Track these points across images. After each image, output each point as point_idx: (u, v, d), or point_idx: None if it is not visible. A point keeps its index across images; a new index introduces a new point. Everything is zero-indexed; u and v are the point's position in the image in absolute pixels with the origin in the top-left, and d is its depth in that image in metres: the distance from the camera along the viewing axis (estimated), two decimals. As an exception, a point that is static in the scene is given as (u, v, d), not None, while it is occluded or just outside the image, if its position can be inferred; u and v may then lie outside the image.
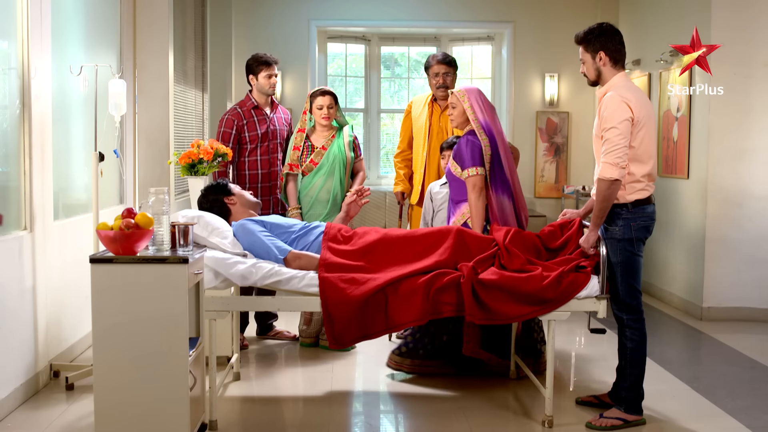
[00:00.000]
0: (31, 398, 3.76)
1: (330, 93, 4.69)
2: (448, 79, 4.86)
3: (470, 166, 3.97)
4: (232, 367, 4.09)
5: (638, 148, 3.41)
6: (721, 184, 5.70)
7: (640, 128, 3.40)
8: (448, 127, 4.82)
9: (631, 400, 3.54)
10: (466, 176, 3.98)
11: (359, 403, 3.87)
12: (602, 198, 3.40)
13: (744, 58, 5.61)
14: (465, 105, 4.04)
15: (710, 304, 5.73)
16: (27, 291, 3.77)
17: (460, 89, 4.10)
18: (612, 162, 3.33)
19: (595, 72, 3.51)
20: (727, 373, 4.46)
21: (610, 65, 3.48)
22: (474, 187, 3.95)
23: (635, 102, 3.38)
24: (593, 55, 3.48)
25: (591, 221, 3.51)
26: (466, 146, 4.00)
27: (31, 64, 3.80)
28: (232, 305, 3.50)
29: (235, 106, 4.84)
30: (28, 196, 3.80)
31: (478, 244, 3.66)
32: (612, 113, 3.36)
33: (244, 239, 3.64)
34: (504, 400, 3.93)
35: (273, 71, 4.81)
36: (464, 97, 4.06)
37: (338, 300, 3.37)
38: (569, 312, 3.45)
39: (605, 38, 3.48)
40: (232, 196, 3.98)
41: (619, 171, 3.33)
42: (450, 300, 3.43)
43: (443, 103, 4.85)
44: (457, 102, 4.08)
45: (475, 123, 4.02)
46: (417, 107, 5.01)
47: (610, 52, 3.47)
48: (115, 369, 2.91)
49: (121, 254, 2.91)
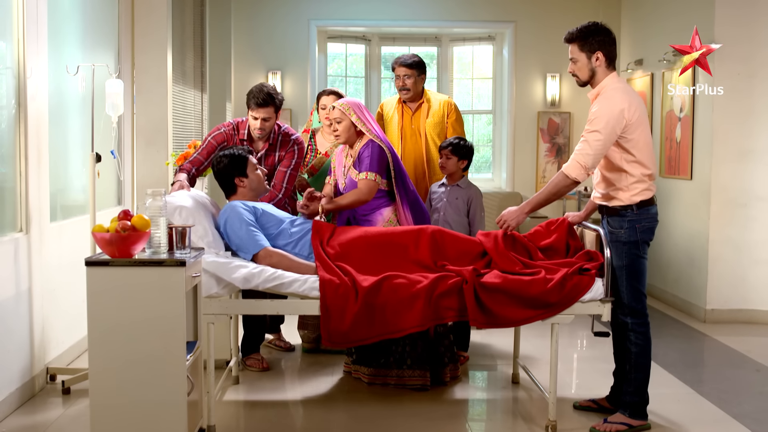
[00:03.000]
0: (27, 402, 3.71)
1: (336, 93, 4.63)
2: (408, 82, 4.71)
3: (368, 170, 3.84)
4: (231, 371, 4.04)
5: (637, 148, 3.35)
6: (724, 184, 5.65)
7: (635, 129, 3.33)
8: (421, 129, 4.74)
9: (635, 405, 3.49)
10: (362, 178, 3.85)
11: (360, 408, 3.81)
12: (555, 191, 3.39)
13: (748, 57, 5.56)
14: (352, 118, 3.89)
15: (714, 306, 5.68)
16: (23, 293, 3.72)
17: (342, 102, 3.92)
18: (583, 163, 3.29)
19: (589, 72, 3.42)
20: (732, 376, 4.41)
21: (605, 66, 3.40)
22: (368, 189, 3.83)
23: (629, 108, 3.31)
24: (589, 55, 3.39)
25: (529, 204, 3.46)
26: (370, 150, 3.86)
27: (27, 64, 3.75)
28: (230, 309, 3.45)
29: (231, 126, 4.18)
30: (24, 198, 3.75)
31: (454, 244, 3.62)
32: (601, 117, 3.30)
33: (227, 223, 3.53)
34: (506, 405, 3.88)
35: (260, 114, 4.00)
36: (349, 110, 3.89)
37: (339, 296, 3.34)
38: (573, 315, 3.40)
39: (603, 37, 3.39)
40: (245, 179, 3.74)
41: (585, 175, 3.32)
42: (452, 305, 3.37)
43: (412, 105, 4.79)
44: (342, 116, 3.90)
45: (371, 134, 3.89)
46: (388, 109, 4.91)
47: (607, 51, 3.39)
48: (111, 374, 2.85)
49: (117, 257, 2.86)
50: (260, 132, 4.06)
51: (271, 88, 4.06)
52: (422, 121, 4.76)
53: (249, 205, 3.64)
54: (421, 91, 4.79)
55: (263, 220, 3.64)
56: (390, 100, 4.97)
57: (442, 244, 3.61)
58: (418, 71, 4.74)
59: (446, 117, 4.78)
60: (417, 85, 4.75)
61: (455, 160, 4.37)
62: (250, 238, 3.50)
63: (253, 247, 3.50)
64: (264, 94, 3.98)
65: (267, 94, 3.99)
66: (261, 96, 3.98)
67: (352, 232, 3.69)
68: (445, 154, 4.39)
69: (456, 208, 4.36)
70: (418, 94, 4.78)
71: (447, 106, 4.79)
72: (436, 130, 4.76)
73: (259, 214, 3.65)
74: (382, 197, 3.97)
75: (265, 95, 3.98)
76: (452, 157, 4.36)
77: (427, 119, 4.77)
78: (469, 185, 4.42)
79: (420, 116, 4.77)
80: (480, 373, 4.40)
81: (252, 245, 3.50)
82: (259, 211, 3.66)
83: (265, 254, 3.49)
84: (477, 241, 3.69)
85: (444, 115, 4.77)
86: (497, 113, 8.01)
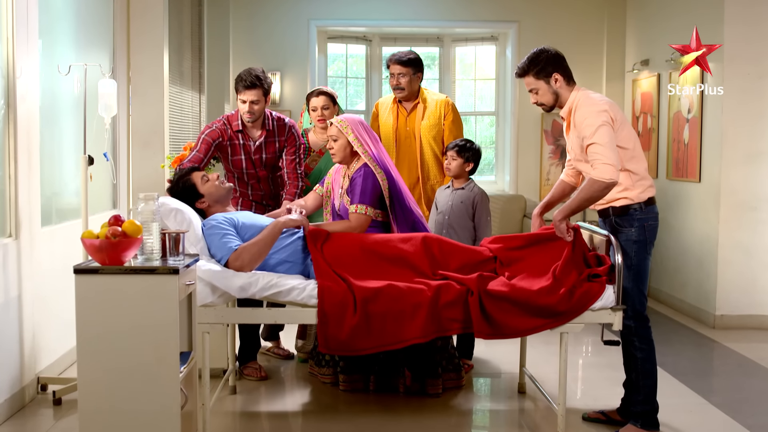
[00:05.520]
0: (17, 414, 3.59)
1: (325, 93, 4.46)
2: (403, 80, 4.54)
3: (359, 203, 3.63)
4: (227, 381, 3.91)
5: (630, 144, 3.32)
6: (734, 187, 5.52)
7: (621, 127, 3.30)
8: (416, 131, 4.59)
9: (646, 414, 3.38)
10: (353, 211, 3.65)
11: (360, 419, 3.68)
12: (588, 197, 3.27)
13: (759, 57, 5.43)
14: (349, 137, 3.69)
15: (723, 312, 5.55)
16: (12, 300, 3.59)
17: (341, 120, 3.73)
18: (609, 162, 3.19)
19: (552, 96, 3.39)
20: (745, 385, 4.28)
21: (565, 84, 3.38)
22: (358, 223, 3.62)
23: (610, 108, 3.28)
24: (547, 80, 3.37)
25: (560, 213, 3.36)
26: (362, 178, 3.64)
27: (17, 64, 3.63)
28: (226, 317, 3.32)
29: (223, 121, 4.13)
30: (14, 202, 3.63)
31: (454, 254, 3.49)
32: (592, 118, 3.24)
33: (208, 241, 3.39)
34: (512, 416, 3.76)
35: (249, 97, 3.98)
36: (347, 129, 3.70)
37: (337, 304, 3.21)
38: (583, 324, 3.28)
39: (554, 59, 3.38)
40: (202, 199, 3.60)
41: (616, 172, 3.20)
42: (456, 316, 3.24)
43: (408, 105, 4.64)
44: (338, 134, 3.72)
45: (367, 156, 3.69)
46: (384, 109, 4.74)
47: (563, 70, 3.38)
48: (101, 388, 2.73)
49: (107, 264, 2.74)
50: (250, 116, 4.03)
51: (260, 71, 4.04)
52: (417, 123, 4.60)
53: (228, 217, 3.49)
54: (417, 90, 4.62)
55: (242, 232, 3.46)
56: (385, 99, 4.81)
57: (440, 254, 3.47)
58: (413, 69, 4.56)
59: (443, 118, 4.60)
60: (412, 84, 4.58)
61: (460, 162, 4.24)
62: (221, 246, 3.33)
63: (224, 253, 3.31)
64: (252, 77, 3.97)
65: (255, 76, 3.99)
66: (249, 78, 3.97)
67: (347, 238, 3.55)
68: (450, 155, 4.26)
69: (461, 212, 4.22)
70: (413, 94, 4.62)
71: (444, 106, 4.60)
72: (432, 132, 4.59)
73: (239, 226, 3.47)
74: (376, 226, 3.75)
75: (253, 77, 3.98)
76: (457, 159, 4.23)
77: (422, 121, 4.60)
78: (475, 188, 4.29)
79: (415, 117, 4.61)
80: (485, 382, 4.28)
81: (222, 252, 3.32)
82: (239, 223, 3.48)
83: (234, 257, 3.30)
84: (479, 250, 3.57)
85: (440, 117, 4.59)
86: (500, 115, 7.89)
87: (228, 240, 3.34)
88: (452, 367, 4.00)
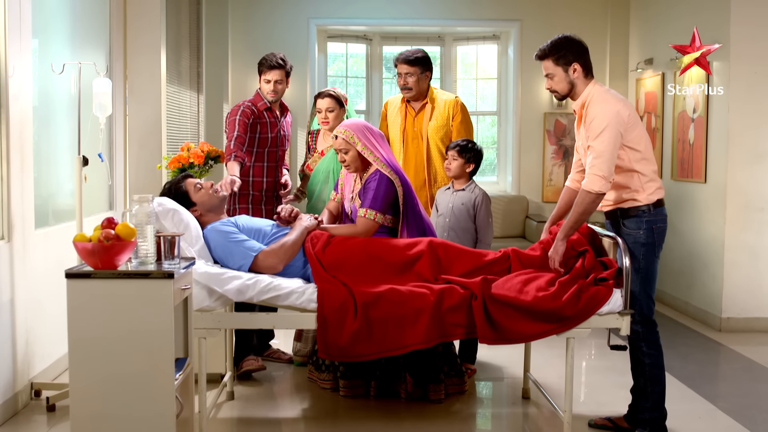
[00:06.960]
0: (10, 420, 3.51)
1: (330, 95, 4.36)
2: (410, 80, 4.43)
3: (369, 207, 3.56)
4: (225, 386, 3.83)
5: (641, 145, 3.25)
6: (740, 187, 5.43)
7: (633, 127, 3.23)
8: (423, 132, 4.49)
9: (655, 421, 3.31)
10: (361, 215, 3.57)
11: (360, 426, 3.60)
12: (582, 210, 3.22)
13: (765, 56, 5.35)
14: (358, 147, 3.59)
15: (730, 315, 5.46)
16: (4, 304, 3.51)
17: (345, 129, 3.62)
18: (600, 174, 3.14)
19: (567, 85, 3.31)
20: (754, 390, 4.20)
21: (583, 76, 3.30)
22: (365, 228, 3.55)
23: (623, 108, 3.21)
24: (566, 68, 3.29)
25: (561, 232, 3.28)
26: (377, 182, 3.56)
27: (9, 62, 3.54)
28: (223, 322, 3.24)
29: (247, 102, 4.36)
30: (6, 203, 3.55)
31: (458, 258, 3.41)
32: (601, 121, 3.17)
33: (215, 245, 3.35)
34: (515, 421, 3.67)
35: (273, 77, 4.33)
36: (353, 138, 3.59)
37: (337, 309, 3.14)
38: (589, 329, 3.19)
39: (577, 48, 3.30)
40: (195, 207, 3.54)
41: (606, 184, 3.16)
42: (460, 321, 3.16)
43: (416, 105, 4.55)
44: (347, 146, 3.62)
45: (380, 163, 3.60)
46: (392, 109, 4.64)
47: (583, 62, 3.30)
48: (94, 395, 2.65)
49: (100, 268, 2.65)
50: (273, 95, 4.37)
51: (282, 54, 4.45)
52: (424, 124, 4.50)
53: (226, 221, 3.43)
54: (425, 89, 4.50)
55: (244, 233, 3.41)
56: (395, 98, 4.70)
57: (446, 259, 3.39)
58: (421, 68, 4.45)
59: (451, 119, 4.49)
60: (420, 84, 4.48)
61: (461, 163, 4.15)
62: (239, 249, 3.29)
63: (245, 257, 3.28)
64: (277, 58, 4.39)
65: (279, 58, 4.40)
66: (274, 60, 4.38)
67: (350, 242, 3.46)
68: (451, 156, 4.17)
69: (461, 214, 4.14)
70: (422, 93, 4.51)
71: (452, 106, 4.48)
72: (440, 133, 4.48)
73: (241, 228, 3.43)
74: (382, 231, 3.66)
75: (278, 59, 4.39)
76: (458, 159, 4.15)
77: (429, 122, 4.50)
78: (476, 189, 4.20)
79: (422, 118, 4.50)
80: (488, 387, 4.19)
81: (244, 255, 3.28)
82: (240, 226, 3.44)
83: (263, 257, 3.29)
84: (486, 252, 3.48)
85: (449, 117, 4.48)
86: (502, 114, 7.80)
87: (243, 242, 3.33)
88: (455, 372, 3.92)
